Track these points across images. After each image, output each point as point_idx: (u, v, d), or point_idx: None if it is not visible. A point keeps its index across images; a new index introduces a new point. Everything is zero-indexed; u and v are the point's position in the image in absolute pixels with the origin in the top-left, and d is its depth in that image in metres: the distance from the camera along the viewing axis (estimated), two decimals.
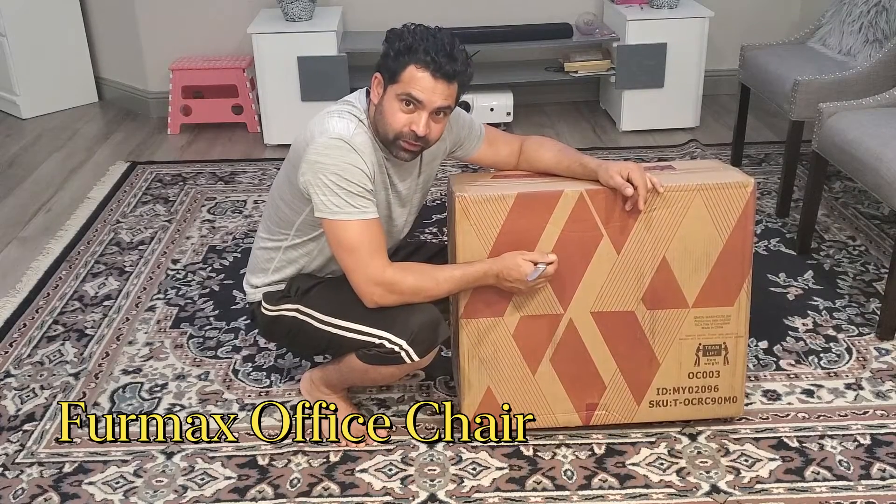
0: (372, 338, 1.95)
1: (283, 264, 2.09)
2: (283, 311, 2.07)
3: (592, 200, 1.97)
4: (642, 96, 4.06)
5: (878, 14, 3.25)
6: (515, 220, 1.97)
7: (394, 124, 1.88)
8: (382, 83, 1.91)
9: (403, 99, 1.87)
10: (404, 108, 1.87)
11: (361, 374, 2.04)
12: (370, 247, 1.89)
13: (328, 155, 1.86)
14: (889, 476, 2.01)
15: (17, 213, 3.45)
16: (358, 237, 1.88)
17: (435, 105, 1.87)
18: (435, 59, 1.83)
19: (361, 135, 1.92)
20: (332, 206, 1.87)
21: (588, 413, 2.13)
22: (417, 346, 1.93)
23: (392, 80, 1.88)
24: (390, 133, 1.90)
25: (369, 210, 1.89)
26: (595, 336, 2.07)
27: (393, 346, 1.93)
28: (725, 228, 2.01)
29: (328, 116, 1.93)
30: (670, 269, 2.03)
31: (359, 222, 1.88)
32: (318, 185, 1.87)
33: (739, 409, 2.16)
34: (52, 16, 4.40)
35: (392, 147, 1.92)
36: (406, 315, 1.93)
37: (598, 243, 2.00)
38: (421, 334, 1.93)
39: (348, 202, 1.87)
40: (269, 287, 2.11)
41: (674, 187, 1.98)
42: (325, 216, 1.89)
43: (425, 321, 1.94)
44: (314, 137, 1.89)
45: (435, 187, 3.43)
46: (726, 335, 2.08)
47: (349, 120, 1.92)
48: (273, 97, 3.93)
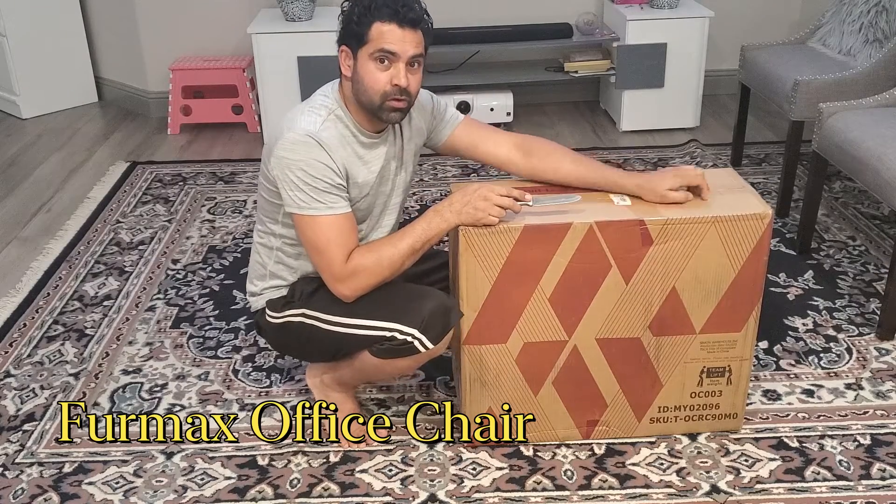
0: (383, 331, 1.93)
1: (280, 258, 2.08)
2: (289, 316, 2.05)
3: (602, 233, 1.90)
4: (642, 96, 4.06)
5: (878, 14, 3.25)
6: (521, 251, 1.91)
7: (375, 85, 1.88)
8: (351, 53, 1.91)
9: (377, 57, 1.87)
10: (380, 67, 1.88)
11: (377, 369, 2.03)
12: (337, 241, 1.89)
13: (294, 151, 1.87)
14: (889, 476, 2.01)
15: (17, 213, 3.45)
16: (325, 233, 1.89)
17: (408, 54, 1.87)
18: (397, 10, 1.85)
19: (330, 129, 1.92)
20: (300, 202, 1.88)
21: (588, 429, 2.12)
22: (430, 332, 1.92)
23: (360, 43, 1.88)
24: (375, 97, 1.89)
25: (337, 205, 1.90)
26: (599, 361, 2.04)
27: (405, 337, 1.92)
28: (739, 259, 1.95)
29: (298, 112, 1.94)
30: (679, 299, 1.98)
31: (326, 217, 1.89)
32: (285, 181, 1.89)
33: (739, 425, 2.15)
34: (52, 16, 4.40)
35: (380, 112, 1.91)
36: (415, 303, 1.92)
37: (607, 274, 1.94)
38: (432, 320, 1.91)
39: (315, 198, 1.88)
40: (271, 291, 2.09)
41: (689, 219, 1.91)
42: (294, 211, 1.91)
43: (435, 307, 1.92)
44: (282, 133, 1.91)
45: (436, 188, 3.43)
46: (731, 358, 2.06)
47: (318, 114, 1.93)
48: (273, 97, 3.93)
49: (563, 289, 1.95)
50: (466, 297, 1.96)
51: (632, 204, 1.97)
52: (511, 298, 1.96)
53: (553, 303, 1.97)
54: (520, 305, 1.97)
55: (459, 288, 1.96)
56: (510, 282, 1.94)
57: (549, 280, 1.94)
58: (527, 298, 1.96)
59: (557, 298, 1.96)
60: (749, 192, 2.03)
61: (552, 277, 1.94)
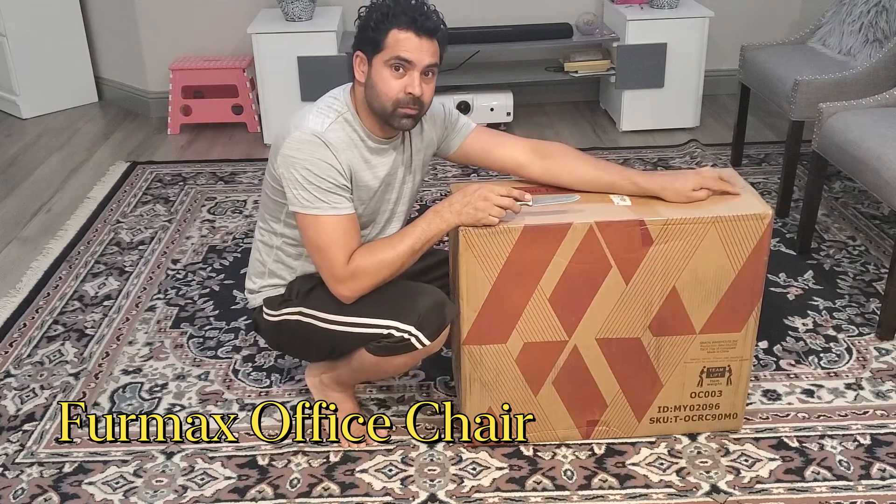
0: (379, 329, 1.93)
1: (279, 258, 2.08)
2: (286, 314, 2.06)
3: (602, 233, 1.90)
4: (642, 96, 4.06)
5: (878, 14, 3.25)
6: (521, 251, 1.91)
7: (389, 92, 1.88)
8: (366, 59, 1.91)
9: (392, 64, 1.87)
10: (395, 74, 1.87)
11: (374, 367, 2.02)
12: (339, 242, 1.89)
13: (300, 150, 1.87)
14: (889, 476, 2.01)
15: (17, 213, 3.45)
16: (327, 233, 1.89)
17: (424, 63, 1.87)
18: (415, 18, 1.85)
19: (337, 130, 1.91)
20: (303, 201, 1.88)
21: (588, 429, 2.12)
22: (426, 329, 1.92)
23: (376, 50, 1.88)
24: (388, 104, 1.89)
25: (341, 206, 1.89)
26: (599, 361, 2.04)
27: (402, 334, 1.92)
28: (739, 259, 1.95)
29: (307, 112, 1.94)
30: (679, 299, 1.98)
31: (328, 218, 1.88)
32: (290, 180, 1.89)
33: (739, 425, 2.15)
34: (52, 16, 4.40)
35: (392, 119, 1.91)
36: (410, 300, 1.92)
37: (607, 274, 1.94)
38: (428, 317, 1.91)
39: (318, 198, 1.87)
40: (269, 289, 2.10)
41: (689, 220, 1.91)
42: (297, 210, 1.90)
43: (430, 303, 1.92)
44: (289, 132, 1.90)
45: (436, 188, 3.43)
46: (731, 358, 2.06)
47: (326, 115, 1.93)
48: (273, 97, 3.93)
49: (563, 289, 1.95)
50: (466, 297, 1.96)
51: (632, 204, 1.98)
52: (511, 298, 1.96)
53: (553, 303, 1.97)
54: (520, 305, 1.97)
55: (459, 288, 1.96)
56: (510, 282, 1.94)
57: (549, 280, 1.94)
58: (527, 298, 1.96)
59: (557, 298, 1.96)
60: (749, 192, 2.03)
61: (552, 277, 1.94)
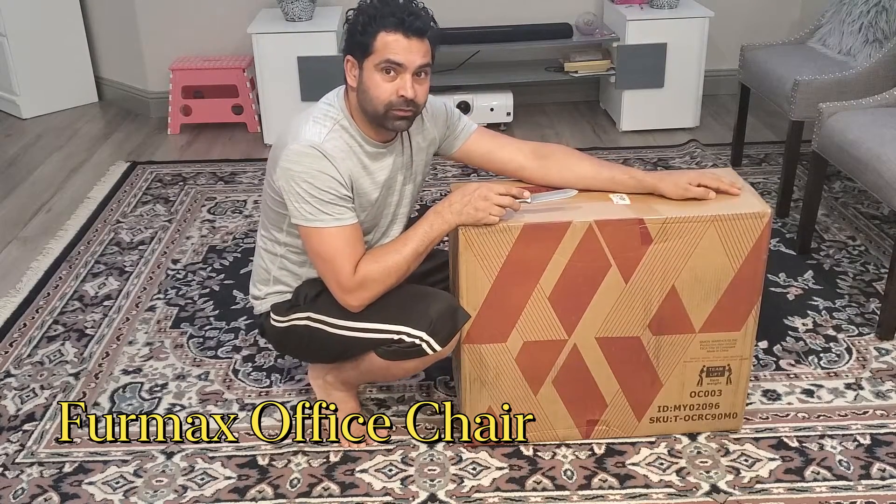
0: (390, 334, 1.93)
1: (284, 265, 2.08)
2: (294, 320, 2.04)
3: (602, 231, 1.90)
4: (642, 96, 4.06)
5: (878, 14, 3.25)
6: (521, 250, 1.91)
7: (380, 96, 1.86)
8: (356, 63, 1.89)
9: (383, 68, 1.84)
10: (386, 77, 1.85)
11: (383, 370, 2.02)
12: (344, 252, 1.87)
13: (299, 162, 1.85)
14: (889, 476, 2.01)
15: (17, 213, 3.45)
16: (332, 245, 1.87)
17: (415, 64, 1.85)
18: (403, 18, 1.82)
19: (335, 139, 1.89)
20: (306, 214, 1.87)
21: (588, 428, 2.12)
22: (438, 335, 1.91)
23: (365, 53, 1.85)
24: (380, 107, 1.87)
25: (344, 216, 1.88)
26: (599, 360, 2.04)
27: (413, 339, 1.91)
28: (738, 258, 1.95)
29: (304, 122, 1.92)
30: (679, 297, 1.98)
31: (332, 229, 1.87)
32: (291, 193, 1.87)
33: (738, 424, 2.15)
34: (52, 16, 4.40)
35: (385, 121, 1.89)
36: (422, 306, 1.92)
37: (606, 272, 1.94)
38: (439, 322, 1.91)
39: (320, 210, 1.86)
40: (275, 296, 2.08)
41: (688, 218, 1.91)
42: (300, 223, 1.89)
43: (442, 309, 1.92)
44: (287, 144, 1.88)
45: (436, 188, 3.43)
46: (731, 357, 2.06)
47: (323, 124, 1.90)
48: (273, 97, 3.94)
49: (563, 288, 1.95)
50: (466, 296, 1.96)
51: (631, 203, 1.98)
52: (511, 297, 1.96)
53: (553, 302, 1.97)
54: (519, 304, 1.97)
55: (459, 287, 1.96)
56: (510, 281, 1.94)
57: (549, 279, 1.94)
58: (526, 297, 1.96)
59: (557, 297, 1.96)
60: (748, 192, 2.03)
61: (552, 276, 1.94)
